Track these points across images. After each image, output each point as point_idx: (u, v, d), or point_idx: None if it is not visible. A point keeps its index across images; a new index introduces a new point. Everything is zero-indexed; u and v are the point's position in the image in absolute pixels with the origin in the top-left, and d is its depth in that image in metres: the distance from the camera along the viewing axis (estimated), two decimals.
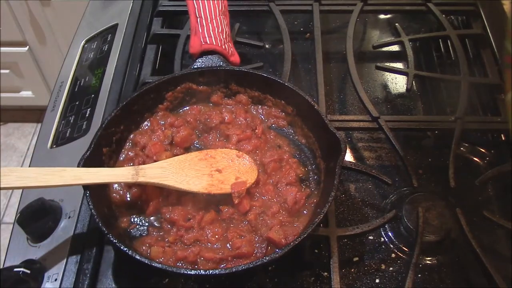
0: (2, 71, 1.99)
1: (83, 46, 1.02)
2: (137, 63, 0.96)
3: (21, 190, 0.76)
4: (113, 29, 1.03)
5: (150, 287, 0.70)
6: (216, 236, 0.69)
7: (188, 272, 0.62)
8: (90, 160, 0.69)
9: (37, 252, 0.70)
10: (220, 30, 0.87)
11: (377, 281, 0.71)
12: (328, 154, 0.74)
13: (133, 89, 0.91)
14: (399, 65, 1.01)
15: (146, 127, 0.81)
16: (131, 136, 0.80)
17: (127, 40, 1.00)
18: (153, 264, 0.62)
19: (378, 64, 0.97)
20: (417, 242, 0.70)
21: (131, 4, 1.08)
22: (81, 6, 1.13)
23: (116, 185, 0.73)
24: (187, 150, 0.79)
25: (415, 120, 0.89)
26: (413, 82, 0.93)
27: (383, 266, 0.73)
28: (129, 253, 0.62)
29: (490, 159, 0.86)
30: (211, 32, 0.86)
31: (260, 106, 0.85)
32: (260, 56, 1.02)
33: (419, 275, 0.71)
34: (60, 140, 0.84)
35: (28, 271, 0.65)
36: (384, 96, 0.98)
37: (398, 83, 1.00)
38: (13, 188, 0.63)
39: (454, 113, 0.86)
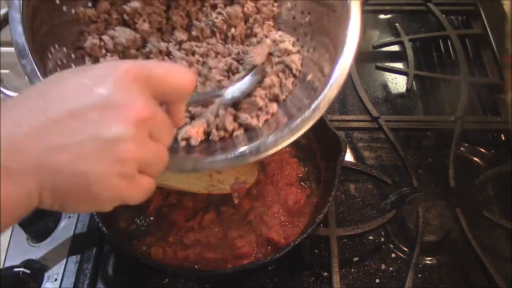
0: (2, 71, 1.99)
1: None
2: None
3: None
4: None
5: (150, 287, 0.70)
6: (216, 236, 0.69)
7: (188, 272, 0.62)
8: None
9: (37, 252, 0.70)
10: None
11: (377, 281, 0.71)
12: (328, 154, 0.74)
13: None
14: (399, 65, 1.01)
15: None
16: None
17: None
18: (153, 264, 0.62)
19: (378, 64, 0.97)
20: (417, 242, 0.70)
21: None
22: None
23: None
24: None
25: (415, 120, 0.89)
26: (413, 82, 0.93)
27: (383, 266, 0.73)
28: (129, 253, 0.62)
29: (490, 159, 0.86)
30: None
31: None
32: None
33: (419, 275, 0.71)
34: None
35: (28, 271, 0.65)
36: (384, 96, 0.98)
37: (398, 83, 1.00)
38: None
39: (454, 113, 0.86)
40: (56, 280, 0.67)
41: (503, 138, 0.87)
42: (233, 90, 0.56)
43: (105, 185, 0.36)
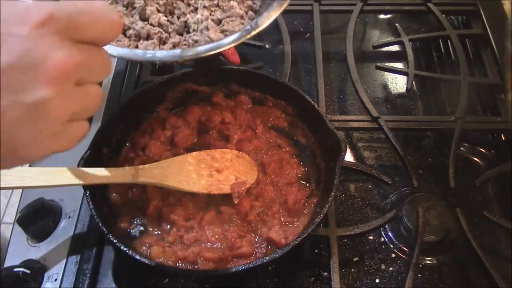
0: None
1: None
2: (137, 63, 0.96)
3: (21, 190, 0.76)
4: None
5: (150, 287, 0.70)
6: (216, 236, 0.69)
7: (188, 272, 0.62)
8: (90, 160, 0.69)
9: (37, 252, 0.70)
10: None
11: (377, 281, 0.71)
12: (328, 154, 0.74)
13: (133, 89, 0.91)
14: (399, 65, 1.01)
15: (146, 127, 0.81)
16: (131, 136, 0.80)
17: None
18: (153, 264, 0.62)
19: (378, 64, 0.97)
20: (417, 242, 0.70)
21: None
22: None
23: (116, 185, 0.73)
24: (187, 150, 0.79)
25: (415, 120, 0.89)
26: (413, 82, 0.93)
27: (383, 266, 0.73)
28: (129, 253, 0.62)
29: (490, 159, 0.86)
30: None
31: (260, 106, 0.85)
32: (260, 56, 1.02)
33: (419, 275, 0.71)
34: None
35: (28, 271, 0.65)
36: (384, 96, 0.98)
37: (398, 83, 1.00)
38: (13, 188, 0.63)
39: (454, 113, 0.86)
40: (56, 280, 0.67)
41: (503, 138, 0.87)
42: None
43: (33, 148, 0.36)
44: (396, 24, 1.04)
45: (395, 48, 1.05)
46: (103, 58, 0.39)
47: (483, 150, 0.87)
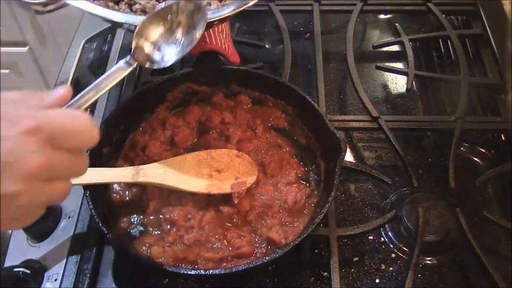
0: (2, 71, 1.99)
1: (83, 46, 1.02)
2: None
3: None
4: (113, 29, 1.03)
5: (150, 287, 0.70)
6: (216, 236, 0.69)
7: (188, 272, 0.62)
8: (90, 160, 0.68)
9: (37, 252, 0.70)
10: (220, 30, 0.87)
11: (377, 281, 0.71)
12: (328, 154, 0.74)
13: (133, 89, 0.91)
14: (399, 65, 1.01)
15: (146, 127, 0.81)
16: (131, 136, 0.80)
17: (127, 39, 1.00)
18: (153, 264, 0.62)
19: (378, 64, 0.97)
20: (417, 242, 0.70)
21: None
22: None
23: (116, 185, 0.73)
24: (187, 150, 0.79)
25: (415, 120, 0.89)
26: (413, 82, 0.93)
27: (383, 266, 0.73)
28: (129, 253, 0.62)
29: (490, 159, 0.86)
30: (211, 32, 0.86)
31: (260, 106, 0.85)
32: (260, 56, 1.02)
33: (419, 275, 0.71)
34: None
35: (28, 271, 0.65)
36: (384, 96, 0.98)
37: (398, 83, 1.00)
38: None
39: (454, 113, 0.86)
40: (56, 280, 0.67)
41: (503, 138, 0.87)
42: None
43: None
44: (396, 24, 1.04)
45: (395, 48, 1.05)
46: (75, 162, 0.45)
47: (483, 150, 0.87)
